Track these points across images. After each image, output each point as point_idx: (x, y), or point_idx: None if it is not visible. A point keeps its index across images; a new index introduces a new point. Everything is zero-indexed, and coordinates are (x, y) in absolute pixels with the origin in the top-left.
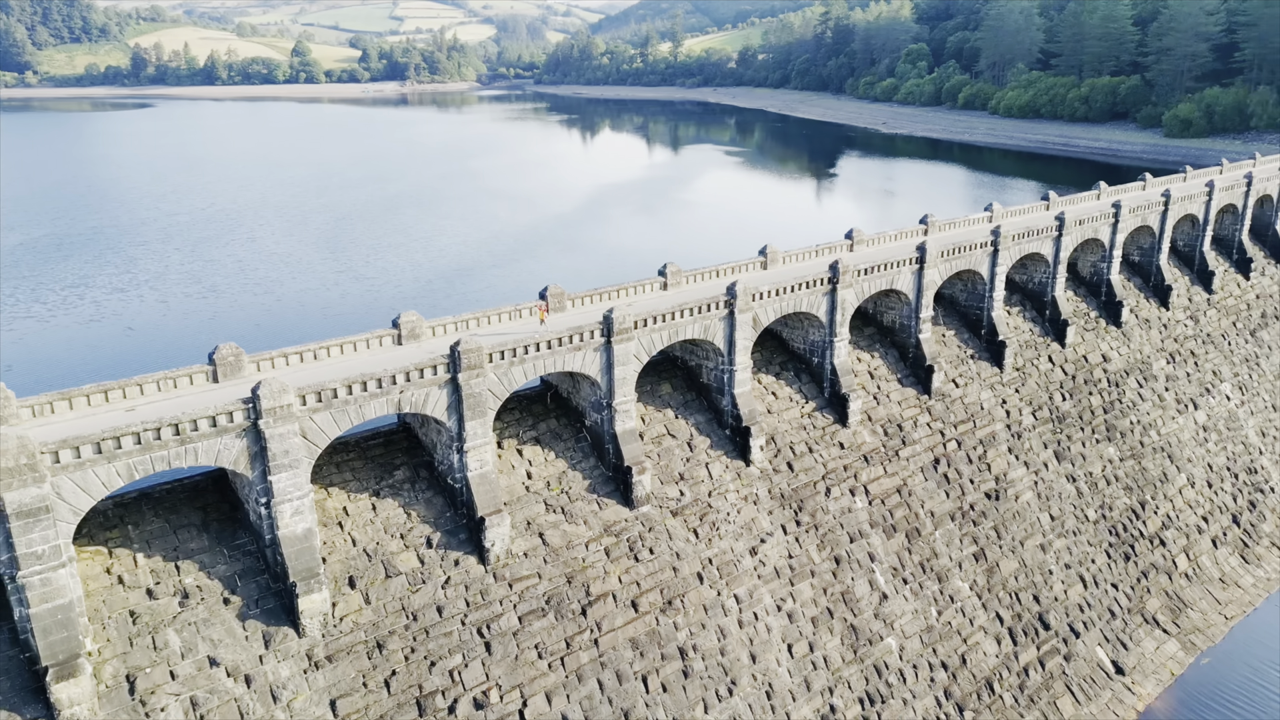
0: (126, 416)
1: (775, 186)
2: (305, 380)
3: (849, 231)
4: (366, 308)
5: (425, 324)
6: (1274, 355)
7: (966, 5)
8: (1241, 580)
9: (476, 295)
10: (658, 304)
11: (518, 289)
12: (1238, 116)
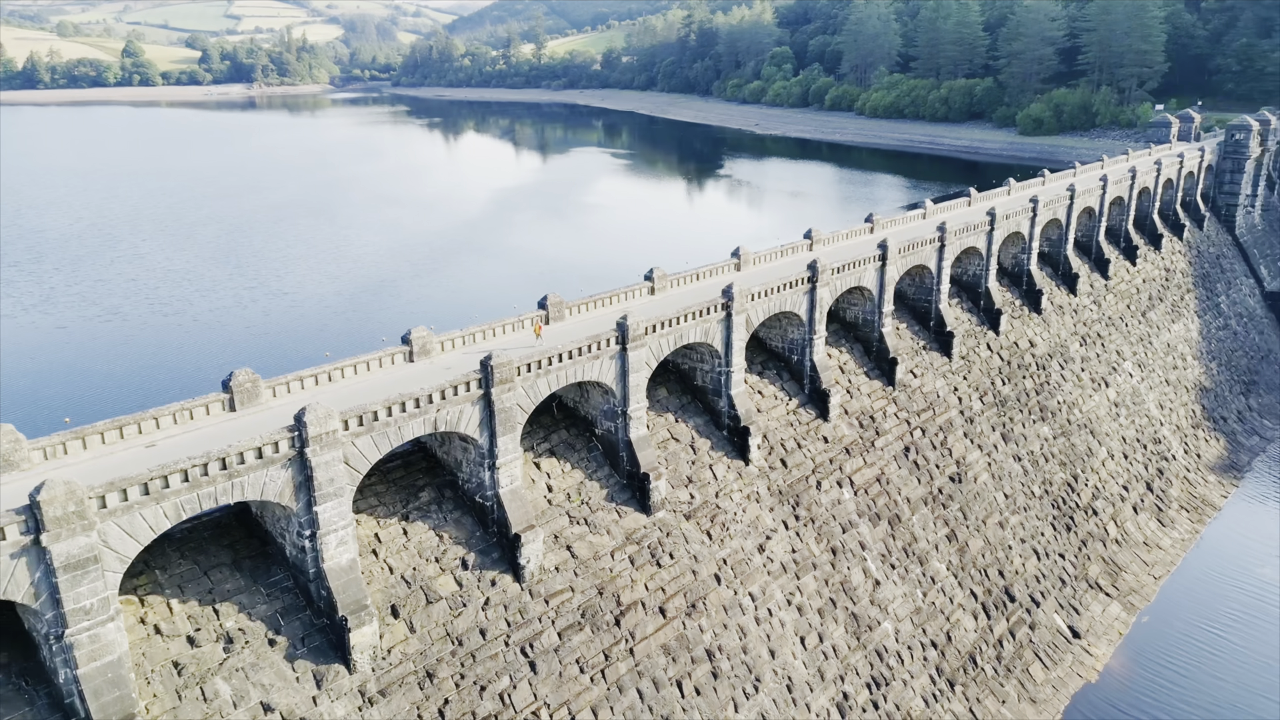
0: (170, 453)
1: (675, 189)
2: (327, 403)
3: (808, 231)
4: (299, 326)
5: (435, 339)
6: (1162, 334)
7: (824, 10)
8: (1161, 542)
9: (415, 307)
10: (652, 309)
11: (457, 298)
12: (1084, 115)
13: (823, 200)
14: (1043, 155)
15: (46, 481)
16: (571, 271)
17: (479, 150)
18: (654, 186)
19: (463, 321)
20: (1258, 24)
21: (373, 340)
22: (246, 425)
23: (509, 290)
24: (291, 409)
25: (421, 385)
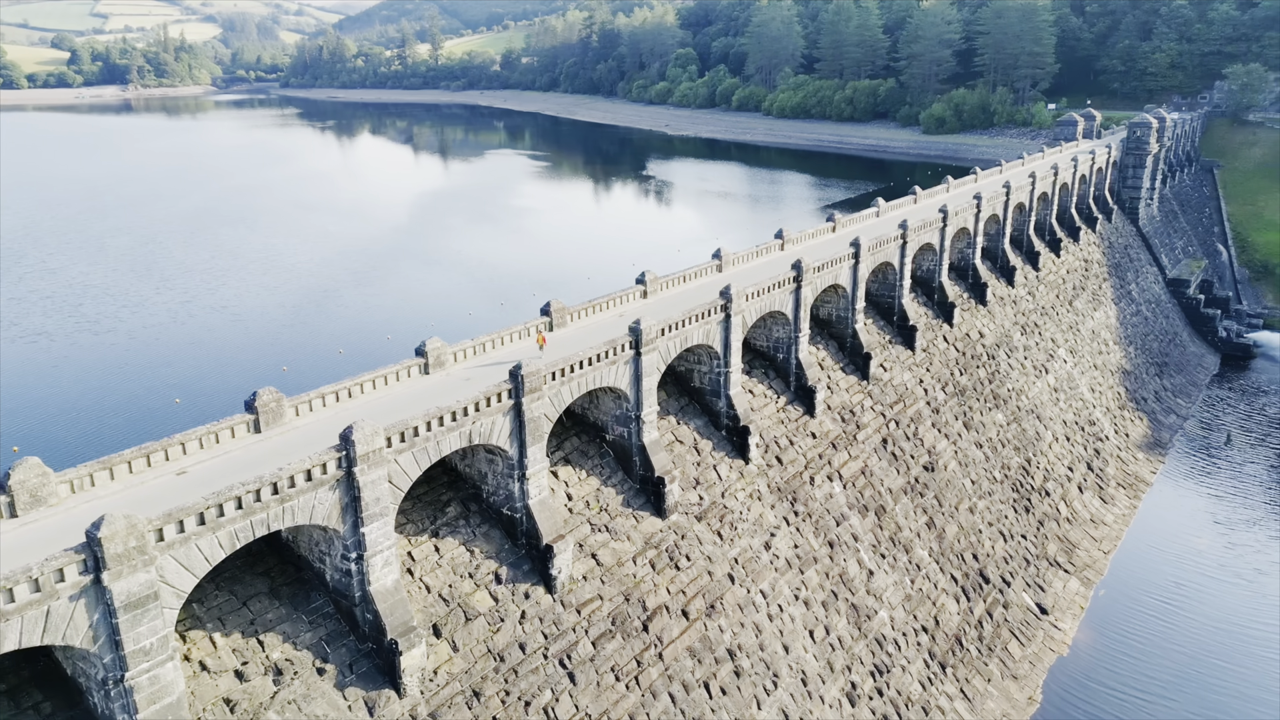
0: (202, 480)
1: (604, 191)
2: (352, 419)
3: (778, 231)
4: (248, 341)
5: (449, 350)
6: (1087, 321)
7: (725, 12)
8: (1105, 518)
9: (368, 318)
10: (647, 312)
11: (411, 308)
12: (983, 114)
13: (754, 200)
14: (947, 153)
15: (106, 515)
16: (523, 277)
17: (387, 153)
18: (582, 189)
19: (426, 331)
20: (1138, 27)
21: (330, 353)
22: (276, 446)
23: (465, 298)
24: (316, 428)
25: (445, 398)
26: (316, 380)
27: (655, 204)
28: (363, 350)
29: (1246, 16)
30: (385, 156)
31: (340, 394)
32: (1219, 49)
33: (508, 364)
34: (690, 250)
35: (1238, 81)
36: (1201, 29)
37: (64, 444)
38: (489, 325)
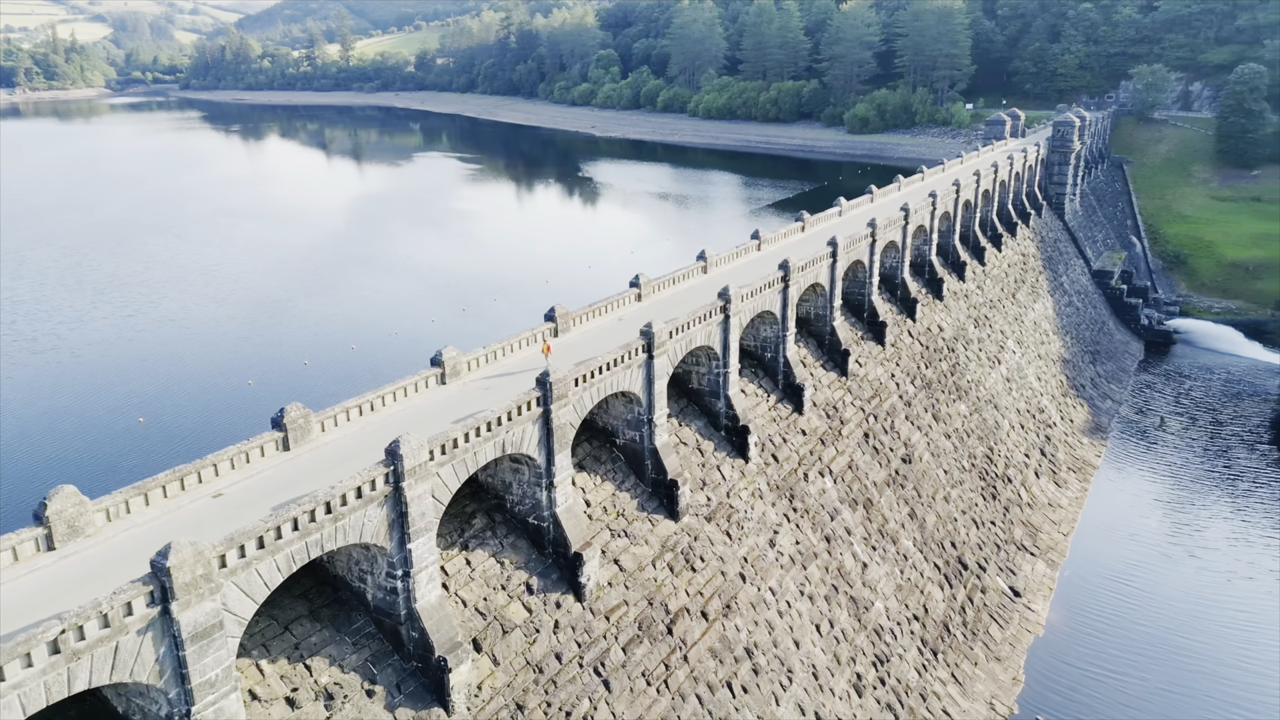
0: (239, 501)
1: (541, 193)
2: (380, 432)
3: (754, 232)
4: (205, 356)
5: (463, 359)
6: (1029, 312)
7: (645, 14)
8: (1060, 501)
9: (329, 327)
10: (643, 316)
11: (372, 316)
12: (905, 114)
13: (696, 201)
14: (872, 152)
15: (173, 543)
16: (480, 282)
17: (306, 157)
18: (521, 191)
19: (389, 341)
20: (1047, 30)
21: (295, 365)
22: (309, 464)
23: (425, 305)
24: (345, 443)
25: (467, 408)
26: (286, 394)
27: (598, 205)
28: (327, 361)
29: (1148, 19)
30: (305, 161)
31: (363, 408)
32: (1123, 50)
33: (520, 372)
34: (644, 253)
35: (1142, 81)
36: (1106, 31)
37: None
38: (453, 332)
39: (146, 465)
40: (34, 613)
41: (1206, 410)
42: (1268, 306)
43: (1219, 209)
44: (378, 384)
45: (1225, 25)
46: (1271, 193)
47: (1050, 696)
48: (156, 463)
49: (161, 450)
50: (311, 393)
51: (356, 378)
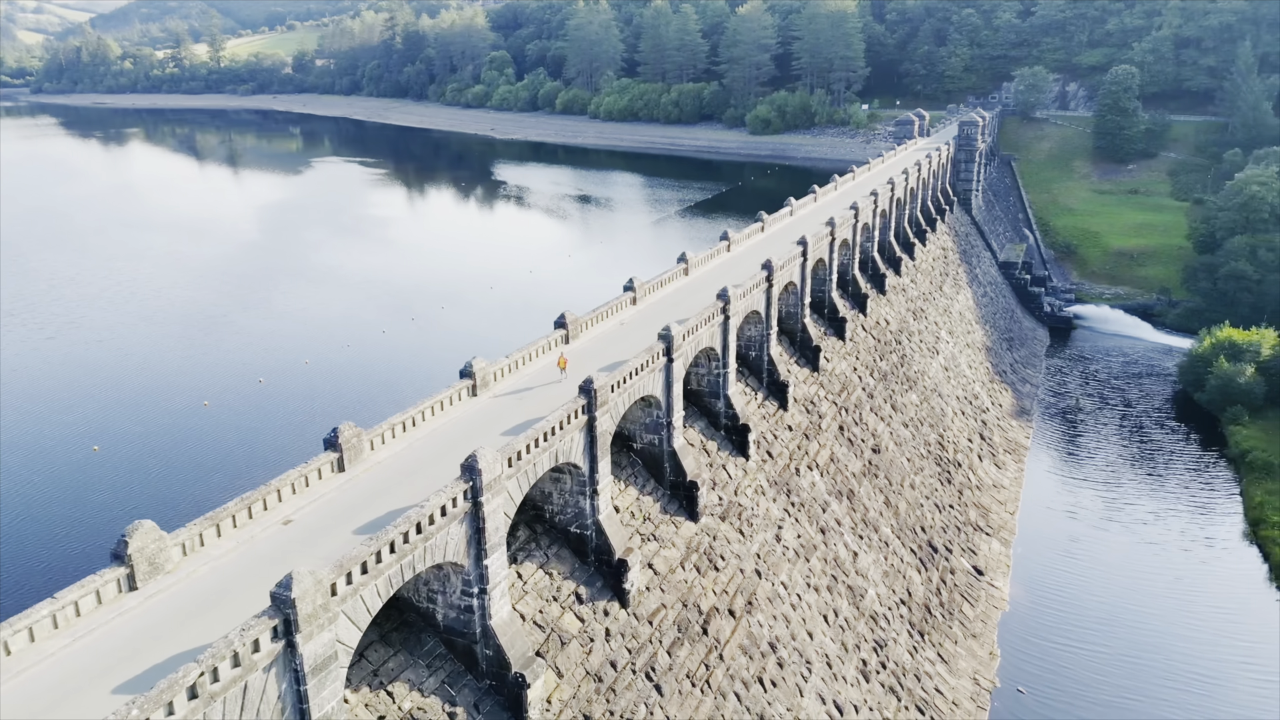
0: (309, 527)
1: (456, 198)
2: (427, 446)
3: (723, 233)
4: (141, 376)
5: (491, 368)
6: (954, 304)
7: (536, 15)
8: (1002, 483)
9: (274, 342)
10: (640, 319)
11: (320, 328)
12: (804, 115)
13: (617, 203)
14: (776, 152)
15: (294, 572)
16: (423, 290)
17: (189, 164)
18: (435, 196)
19: (341, 354)
20: (934, 34)
21: (244, 382)
22: (370, 485)
23: (371, 315)
24: (396, 461)
25: (506, 419)
26: (243, 414)
27: (518, 208)
28: (282, 377)
29: (1026, 24)
30: (189, 168)
31: (406, 424)
32: (1005, 53)
33: (544, 384)
34: (581, 255)
35: (1024, 82)
36: (989, 35)
37: None
38: (408, 342)
39: (108, 493)
40: (139, 661)
41: (1115, 391)
42: (1153, 291)
43: (1101, 201)
44: (340, 400)
45: (1096, 29)
46: (1146, 185)
47: (1025, 667)
48: (122, 490)
49: (113, 478)
50: (271, 413)
51: (317, 394)
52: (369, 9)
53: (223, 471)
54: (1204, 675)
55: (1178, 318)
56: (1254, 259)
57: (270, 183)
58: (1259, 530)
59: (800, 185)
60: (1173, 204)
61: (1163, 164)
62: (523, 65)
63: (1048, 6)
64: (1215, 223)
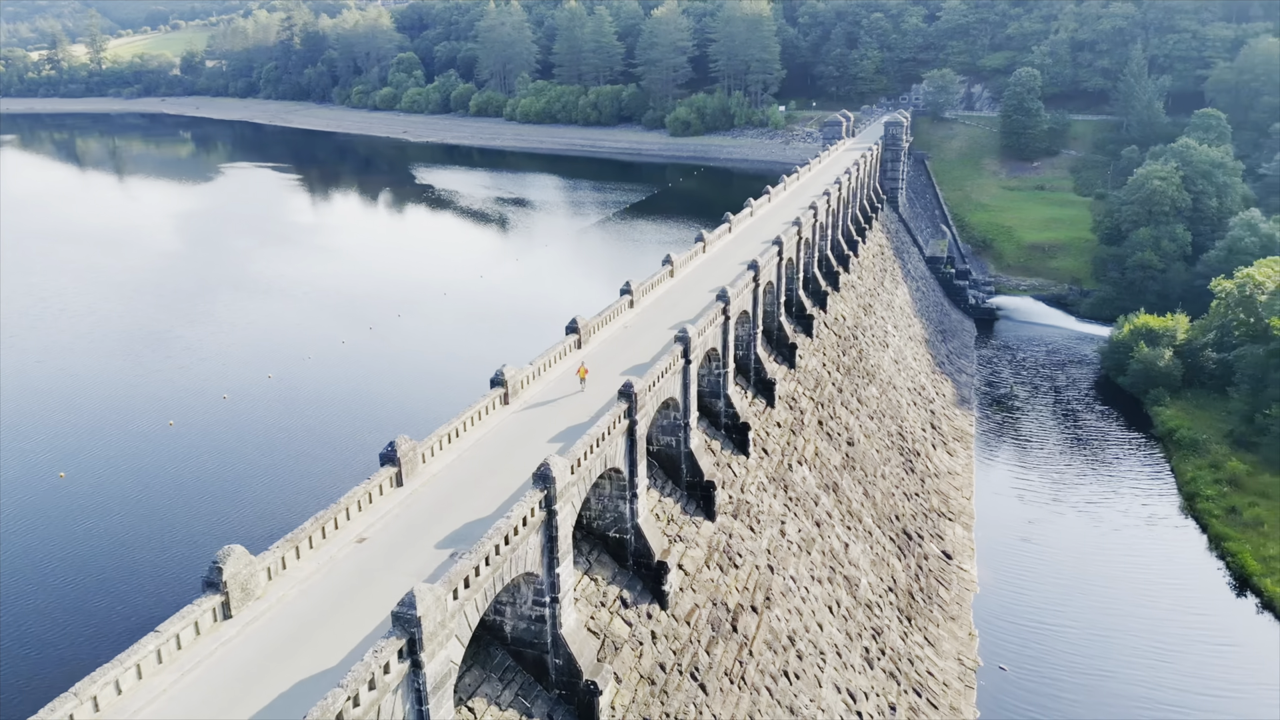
0: (382, 544)
1: (388, 202)
2: (473, 460)
3: (699, 235)
4: (85, 396)
5: (519, 375)
6: (895, 298)
7: (444, 17)
8: (956, 469)
9: (225, 358)
10: (639, 322)
11: (273, 340)
12: (724, 116)
13: (551, 205)
14: (697, 154)
15: (416, 589)
16: (374, 299)
17: (83, 174)
18: (359, 202)
19: (303, 366)
20: (845, 37)
21: (214, 400)
22: (430, 498)
23: (325, 325)
24: (447, 473)
25: (543, 428)
26: (213, 434)
27: (451, 213)
28: (245, 391)
29: (932, 28)
30: (80, 177)
31: (450, 435)
32: (914, 56)
33: (567, 391)
34: (529, 259)
35: (933, 84)
36: (897, 39)
37: None
38: (369, 351)
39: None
40: (255, 694)
41: (1044, 379)
42: (1065, 282)
43: (1010, 198)
44: (306, 415)
45: (998, 33)
46: (1051, 181)
47: (1002, 645)
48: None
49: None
50: (242, 430)
51: (282, 407)
52: (261, 8)
53: (206, 492)
54: (1164, 643)
55: (1090, 306)
56: (1158, 249)
57: (178, 190)
58: (1195, 504)
59: (725, 187)
60: (1077, 199)
61: (1065, 161)
62: (432, 67)
63: (952, 12)
64: (1119, 216)
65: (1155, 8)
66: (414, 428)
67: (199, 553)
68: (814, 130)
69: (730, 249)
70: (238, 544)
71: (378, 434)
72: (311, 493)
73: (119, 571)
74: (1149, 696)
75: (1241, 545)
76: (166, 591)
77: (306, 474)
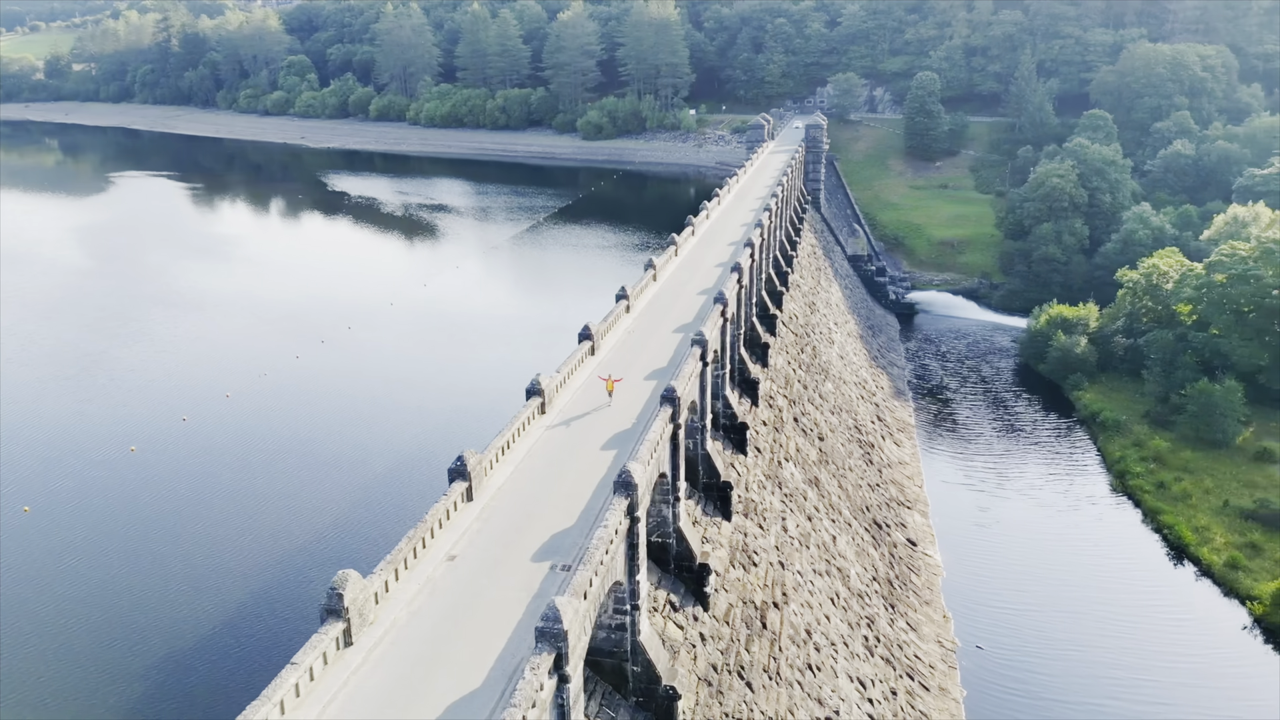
0: (470, 562)
1: (307, 211)
2: (531, 470)
3: (670, 238)
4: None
5: (552, 383)
6: (830, 295)
7: (335, 19)
8: (904, 459)
9: (180, 375)
10: (637, 325)
11: (218, 356)
12: (636, 120)
13: (475, 211)
14: (611, 157)
15: (557, 601)
16: (321, 311)
17: None
18: (271, 211)
19: (263, 380)
20: (751, 42)
21: (172, 421)
22: (506, 512)
23: (276, 340)
24: (512, 485)
25: (590, 436)
26: (176, 457)
27: (373, 221)
28: (206, 411)
29: (834, 33)
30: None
31: (503, 449)
32: (818, 60)
33: (599, 405)
34: (469, 266)
35: (838, 88)
36: (801, 43)
37: None
38: (325, 365)
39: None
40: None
41: (970, 369)
42: (975, 276)
43: (917, 196)
44: (274, 433)
45: (896, 38)
46: (954, 180)
47: (976, 626)
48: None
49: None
50: (200, 453)
51: (247, 426)
52: (130, 8)
53: (189, 519)
54: (1121, 614)
55: (1001, 299)
56: (1060, 243)
57: (69, 202)
58: (1126, 481)
59: (643, 191)
60: (978, 196)
61: (965, 160)
62: (326, 70)
63: (851, 18)
64: (1022, 212)
65: (1041, 15)
66: (404, 443)
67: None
68: (725, 134)
69: (700, 251)
70: (351, 569)
71: (360, 449)
72: (316, 510)
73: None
74: (1116, 663)
75: (1175, 518)
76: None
77: (289, 493)
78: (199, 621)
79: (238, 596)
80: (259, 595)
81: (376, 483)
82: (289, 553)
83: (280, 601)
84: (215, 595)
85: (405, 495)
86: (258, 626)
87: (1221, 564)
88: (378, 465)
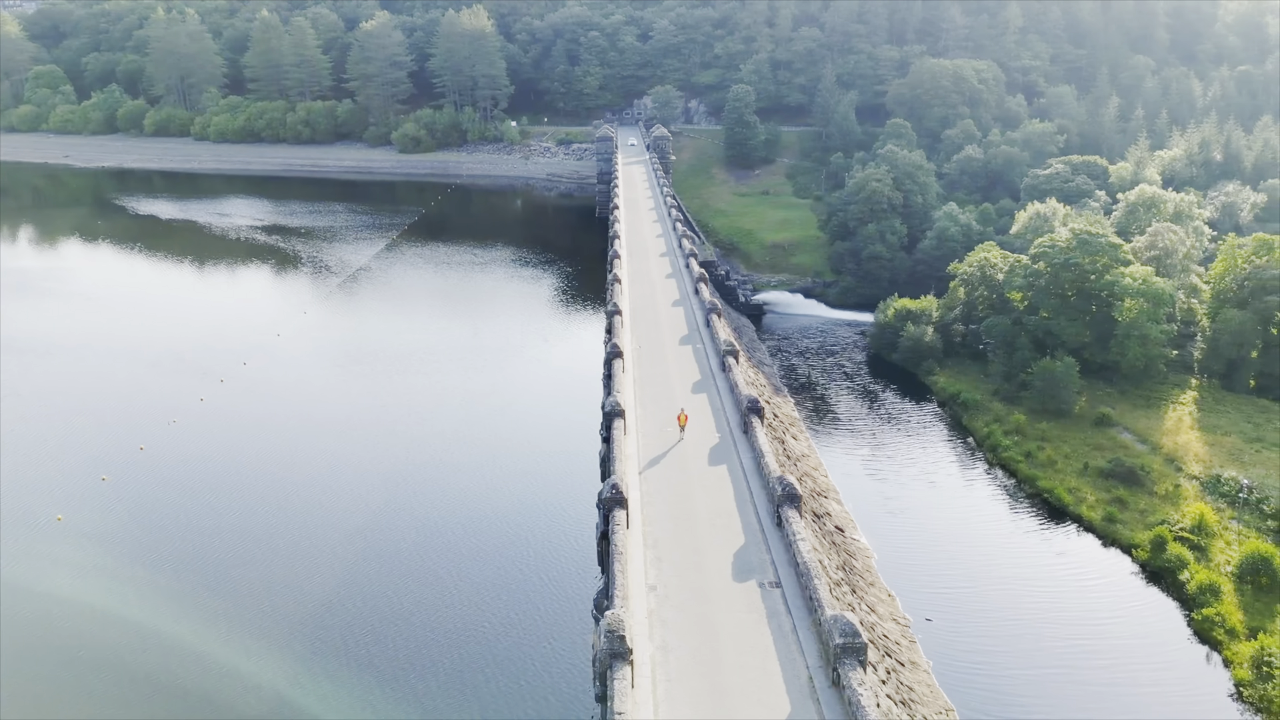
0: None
1: (124, 237)
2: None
3: (613, 252)
4: None
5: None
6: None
7: (88, 25)
8: (804, 451)
9: (74, 432)
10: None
11: (111, 406)
12: (456, 133)
13: (324, 232)
14: (434, 170)
15: (845, 615)
16: (200, 347)
17: None
18: (76, 240)
19: (172, 427)
20: (566, 55)
21: (90, 480)
22: (667, 537)
23: (169, 384)
24: (646, 510)
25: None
26: (109, 527)
27: (207, 244)
28: (125, 467)
29: (647, 46)
30: None
31: (625, 473)
32: (634, 73)
33: (664, 423)
34: (350, 287)
35: (656, 99)
36: (615, 56)
37: None
38: (242, 409)
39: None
40: None
41: (832, 364)
42: (808, 276)
43: (743, 203)
44: (212, 480)
45: (707, 53)
46: (774, 187)
47: (917, 602)
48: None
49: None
50: (125, 513)
51: (167, 478)
52: None
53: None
54: (1037, 574)
55: (837, 295)
56: (884, 242)
57: None
58: (999, 454)
59: (477, 204)
60: (798, 201)
61: (781, 168)
62: (83, 82)
63: (662, 32)
64: (845, 215)
65: (836, 32)
66: (358, 476)
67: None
68: (551, 145)
69: (638, 264)
70: (617, 612)
71: (314, 486)
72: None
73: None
74: (1046, 617)
75: (1049, 482)
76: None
77: (255, 534)
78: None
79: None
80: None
81: (342, 517)
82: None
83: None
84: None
85: (369, 527)
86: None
87: (1100, 519)
88: (337, 499)
